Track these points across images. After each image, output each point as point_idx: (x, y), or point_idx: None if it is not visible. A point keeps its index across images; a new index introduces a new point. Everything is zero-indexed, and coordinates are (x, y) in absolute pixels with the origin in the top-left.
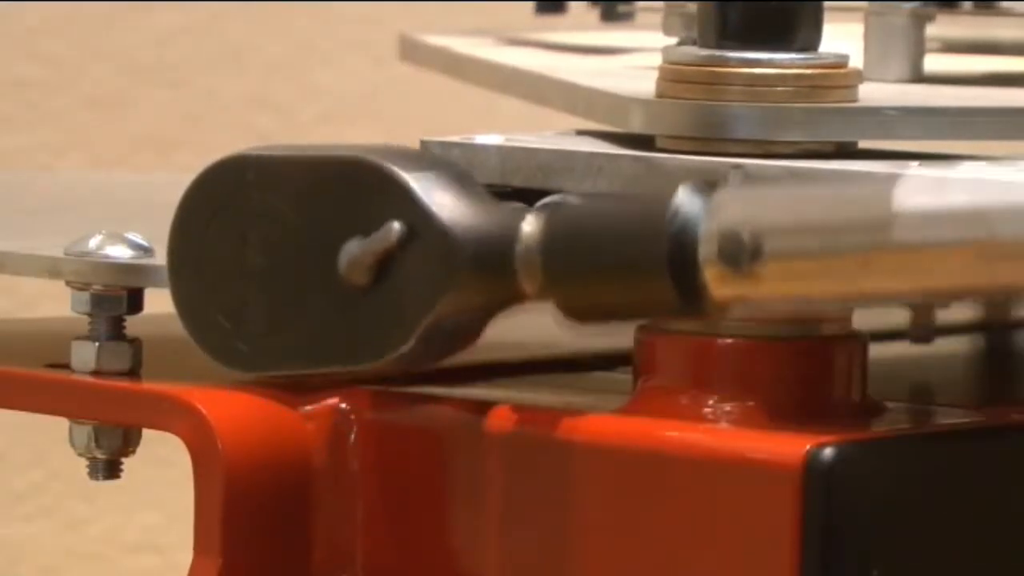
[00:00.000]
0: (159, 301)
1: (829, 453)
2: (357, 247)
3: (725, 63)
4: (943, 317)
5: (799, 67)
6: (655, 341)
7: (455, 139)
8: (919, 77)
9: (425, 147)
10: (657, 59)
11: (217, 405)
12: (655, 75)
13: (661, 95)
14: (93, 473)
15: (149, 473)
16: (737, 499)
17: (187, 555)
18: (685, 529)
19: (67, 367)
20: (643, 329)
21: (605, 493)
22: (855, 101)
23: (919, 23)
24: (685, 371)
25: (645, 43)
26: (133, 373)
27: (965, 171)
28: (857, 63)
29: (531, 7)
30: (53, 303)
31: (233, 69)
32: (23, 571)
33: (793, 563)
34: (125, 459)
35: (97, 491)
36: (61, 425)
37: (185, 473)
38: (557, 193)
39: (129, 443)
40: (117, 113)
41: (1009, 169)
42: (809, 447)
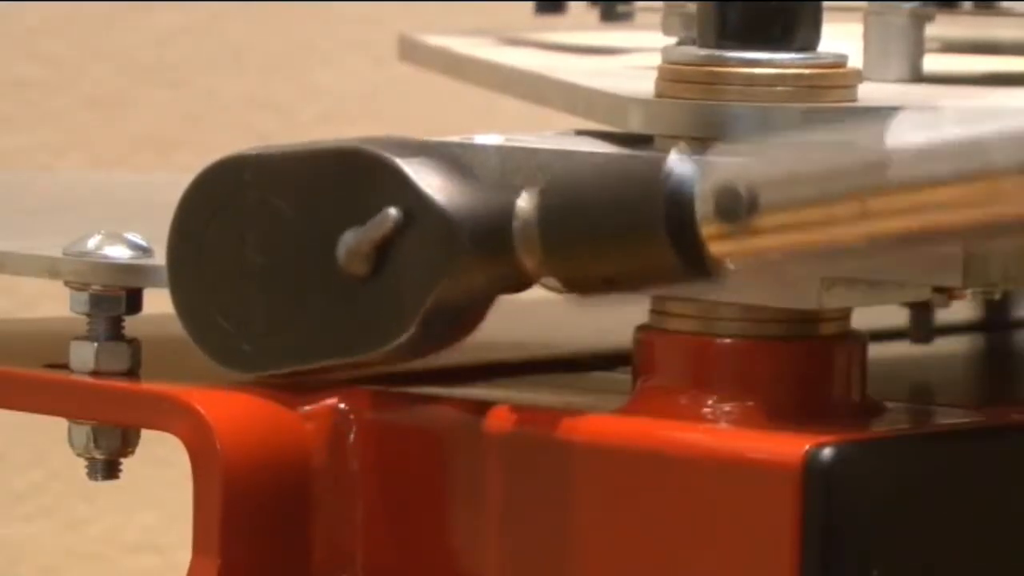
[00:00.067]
0: (158, 301)
1: (828, 453)
2: (354, 236)
3: (724, 63)
4: (943, 317)
5: (798, 67)
6: (654, 341)
7: (455, 139)
8: (919, 77)
9: None
10: (656, 59)
11: (216, 405)
12: (654, 75)
13: (660, 95)
14: (92, 473)
15: (148, 473)
16: (737, 499)
17: (187, 555)
18: (685, 529)
19: (66, 367)
20: (643, 329)
21: (605, 493)
22: (854, 101)
23: (919, 23)
24: (684, 371)
25: (644, 43)
26: (132, 373)
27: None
28: (856, 63)
29: (531, 7)
30: (53, 303)
31: (233, 69)
32: (23, 571)
33: (793, 563)
34: (124, 459)
35: (97, 491)
36: (61, 425)
37: (184, 473)
38: None
39: (128, 443)
40: (117, 113)
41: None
42: (808, 447)
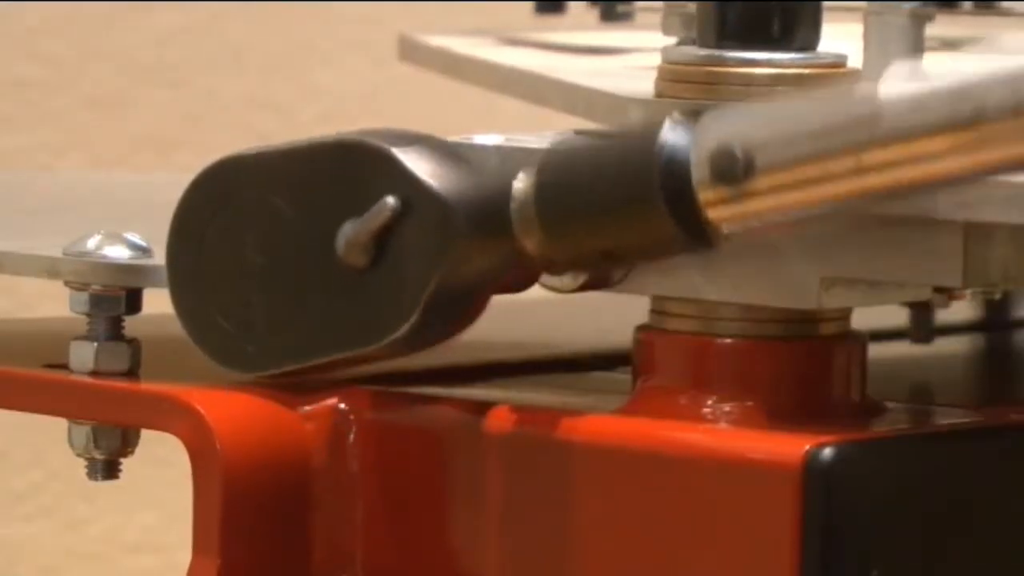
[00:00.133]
0: (158, 301)
1: (828, 453)
2: (353, 228)
3: (724, 63)
4: (943, 317)
5: (798, 67)
6: (654, 341)
7: (455, 139)
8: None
9: None
10: (656, 59)
11: (216, 405)
12: (654, 75)
13: (660, 95)
14: (92, 473)
15: (148, 473)
16: (737, 499)
17: (186, 555)
18: (685, 529)
19: (66, 367)
20: (642, 329)
21: (604, 493)
22: None
23: (919, 23)
24: (684, 371)
25: (644, 43)
26: (131, 373)
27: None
28: (856, 63)
29: (531, 7)
30: (52, 303)
31: (233, 69)
32: (23, 571)
33: (793, 563)
34: (124, 459)
35: (97, 491)
36: (61, 425)
37: (184, 473)
38: None
39: (128, 443)
40: (117, 113)
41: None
42: (808, 447)
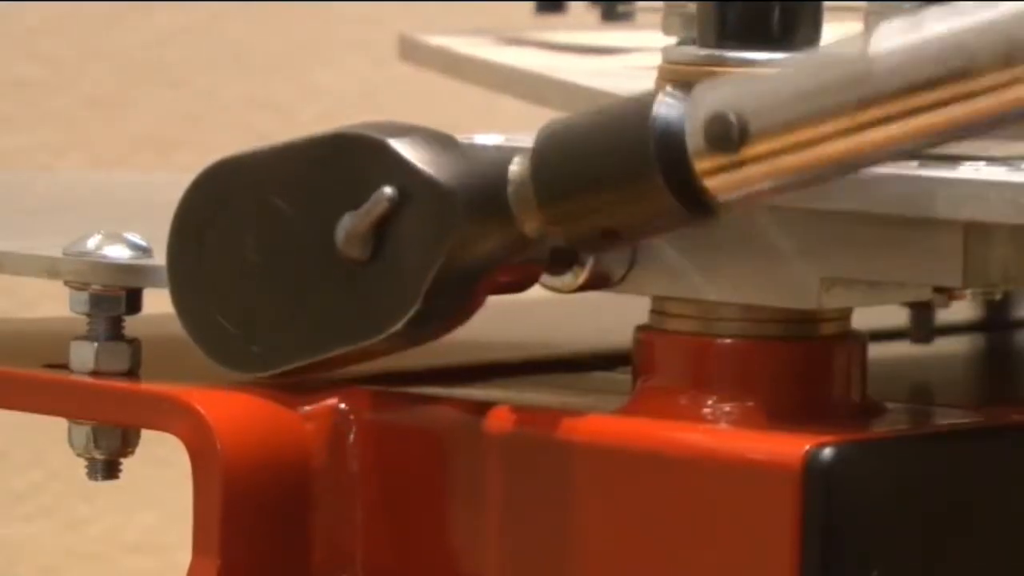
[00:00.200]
0: (158, 301)
1: (828, 453)
2: (352, 220)
3: (724, 63)
4: (943, 317)
5: None
6: (654, 341)
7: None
8: None
9: None
10: (657, 59)
11: (216, 405)
12: (654, 75)
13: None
14: (92, 473)
15: (148, 473)
16: (737, 499)
17: (186, 555)
18: (685, 529)
19: (66, 367)
20: (642, 329)
21: (604, 493)
22: None
23: None
24: (684, 371)
25: (645, 43)
26: (132, 373)
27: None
28: None
29: (531, 7)
30: (52, 303)
31: (233, 69)
32: (23, 571)
33: (793, 563)
34: (124, 459)
35: (97, 491)
36: (61, 425)
37: (184, 473)
38: None
39: (128, 443)
40: (117, 113)
41: (1006, 169)
42: (808, 447)
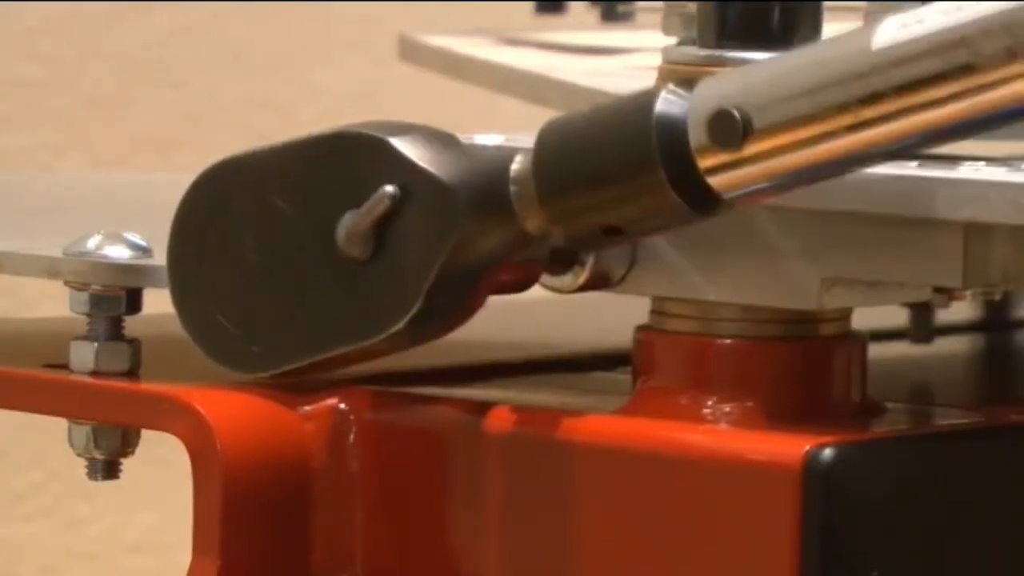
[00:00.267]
0: (158, 301)
1: (829, 454)
2: (353, 219)
3: (724, 63)
4: (943, 317)
5: None
6: (654, 341)
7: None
8: None
9: None
10: (657, 59)
11: (216, 405)
12: (654, 75)
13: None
14: (92, 473)
15: (148, 473)
16: (737, 500)
17: (186, 555)
18: (685, 530)
19: (66, 367)
20: (643, 329)
21: (604, 494)
22: None
23: None
24: (684, 371)
25: (645, 43)
26: (132, 373)
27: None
28: None
29: (531, 7)
30: (53, 303)
31: (233, 69)
32: (23, 571)
33: (793, 563)
34: (124, 459)
35: (97, 491)
36: (61, 425)
37: (184, 473)
38: None
39: (128, 443)
40: (117, 113)
41: (1006, 169)
42: (808, 448)
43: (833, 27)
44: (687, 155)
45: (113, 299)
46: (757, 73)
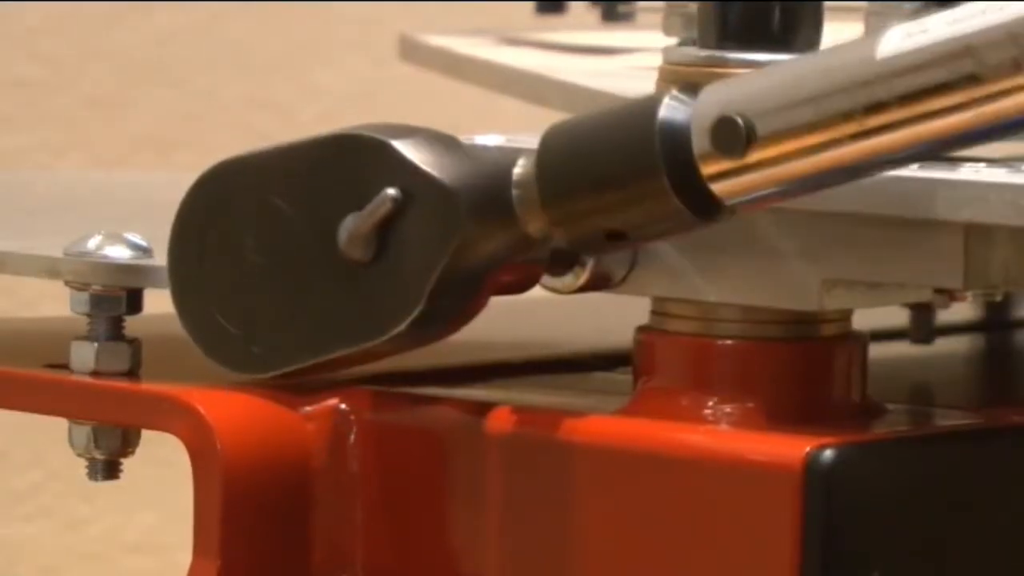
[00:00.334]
0: (159, 301)
1: (829, 455)
2: (354, 221)
3: (725, 64)
4: (943, 317)
5: None
6: (655, 342)
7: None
8: None
9: None
10: (657, 59)
11: (216, 406)
12: (655, 76)
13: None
14: (92, 474)
15: (148, 473)
16: (737, 500)
17: (186, 555)
18: (685, 530)
19: (66, 367)
20: (643, 330)
21: (605, 494)
22: None
23: None
24: (685, 372)
25: (645, 43)
26: (132, 373)
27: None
28: None
29: (531, 7)
30: (53, 303)
31: (233, 69)
32: (23, 571)
33: (793, 564)
34: (124, 459)
35: (97, 491)
36: (61, 425)
37: (184, 473)
38: None
39: (128, 444)
40: (117, 113)
41: (1007, 171)
42: (809, 449)
43: (833, 27)
44: (690, 161)
45: (113, 299)
46: (761, 80)
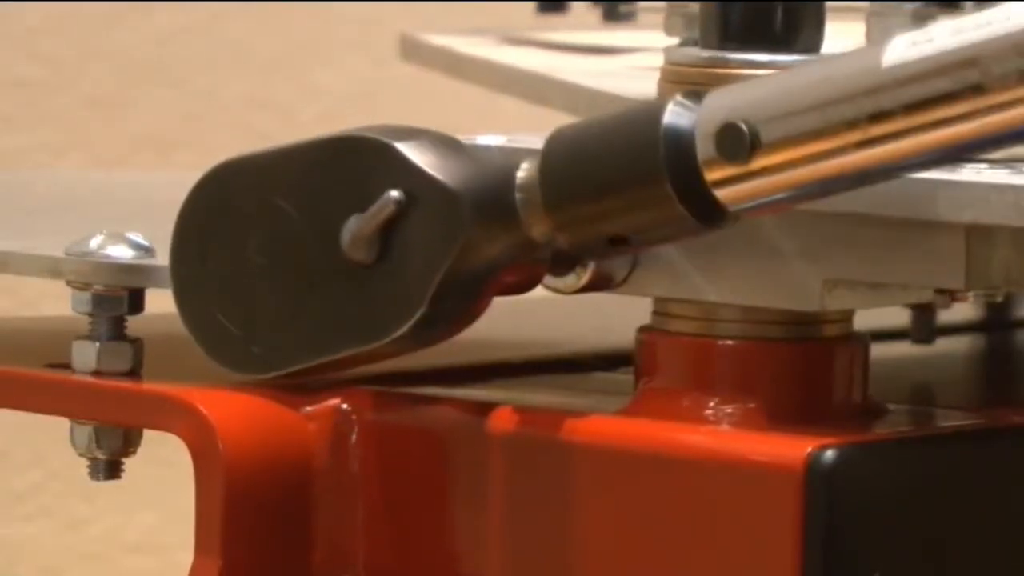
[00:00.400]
0: (160, 301)
1: (831, 455)
2: (357, 223)
3: (727, 64)
4: (944, 317)
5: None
6: (656, 342)
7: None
8: None
9: None
10: (659, 59)
11: (218, 406)
12: (656, 76)
13: (662, 96)
14: (94, 473)
15: (149, 473)
16: (739, 501)
17: (187, 555)
18: (687, 531)
19: (68, 367)
20: (644, 330)
21: (606, 495)
22: None
23: (920, 23)
24: (686, 372)
25: (647, 43)
26: (134, 373)
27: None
28: None
29: (532, 7)
30: (54, 302)
31: (233, 69)
32: (23, 571)
33: (795, 565)
34: (126, 459)
35: (97, 491)
36: (61, 425)
37: (186, 473)
38: None
39: (130, 443)
40: (117, 113)
41: (1008, 171)
42: (811, 449)
43: (834, 27)
44: (694, 167)
45: (115, 299)
46: (766, 87)
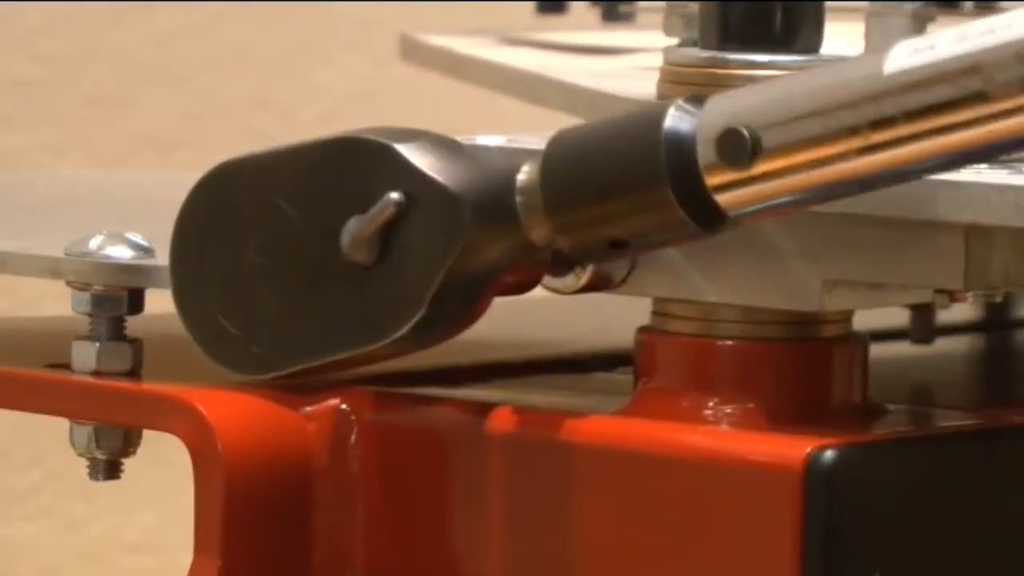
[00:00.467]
0: (160, 301)
1: (830, 456)
2: (357, 224)
3: (726, 64)
4: (944, 317)
5: (801, 69)
6: (656, 342)
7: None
8: None
9: None
10: (658, 60)
11: (217, 406)
12: (656, 76)
13: (662, 96)
14: (93, 474)
15: (149, 473)
16: (738, 501)
17: (187, 555)
18: (686, 531)
19: (67, 367)
20: (644, 330)
21: (606, 495)
22: None
23: (920, 24)
24: (686, 372)
25: (646, 43)
26: (134, 373)
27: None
28: None
29: (532, 7)
30: (54, 303)
31: (233, 69)
32: (23, 571)
33: (794, 565)
34: (125, 459)
35: (97, 491)
36: (61, 425)
37: (185, 473)
38: None
39: (129, 443)
40: (117, 113)
41: (1008, 172)
42: (810, 449)
43: (834, 27)
44: (695, 172)
45: (115, 299)
46: (768, 92)
